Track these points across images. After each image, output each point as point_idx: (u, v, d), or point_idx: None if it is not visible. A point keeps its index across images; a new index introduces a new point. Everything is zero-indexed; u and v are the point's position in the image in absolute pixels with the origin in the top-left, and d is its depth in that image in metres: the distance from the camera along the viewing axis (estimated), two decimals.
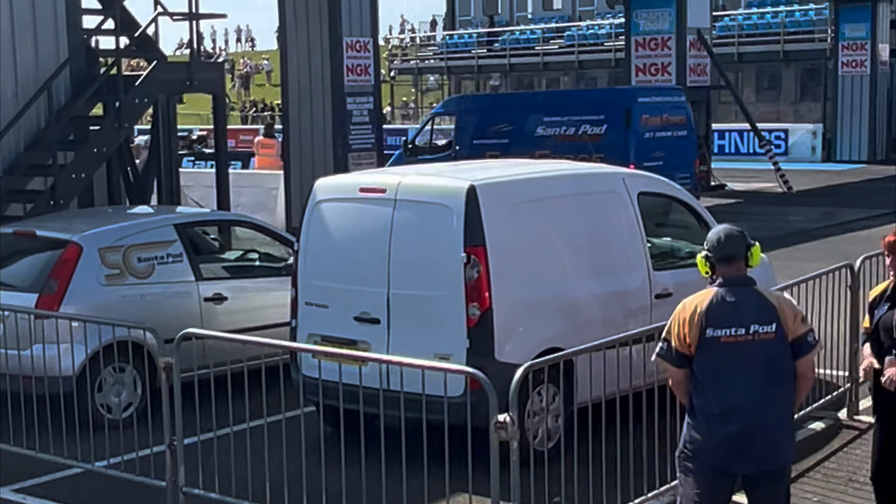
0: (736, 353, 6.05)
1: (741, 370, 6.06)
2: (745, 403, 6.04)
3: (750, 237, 6.32)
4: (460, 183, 8.82)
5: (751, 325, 6.05)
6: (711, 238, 6.27)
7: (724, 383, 6.07)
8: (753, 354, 6.04)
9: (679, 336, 6.16)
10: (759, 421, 6.05)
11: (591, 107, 23.22)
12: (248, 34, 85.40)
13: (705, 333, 6.07)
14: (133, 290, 10.46)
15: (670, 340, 6.21)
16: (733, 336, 6.05)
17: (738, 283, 6.16)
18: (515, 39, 49.63)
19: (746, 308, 6.08)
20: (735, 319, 6.06)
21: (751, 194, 29.53)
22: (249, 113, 60.77)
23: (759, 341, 6.05)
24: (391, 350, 8.74)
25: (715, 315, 6.07)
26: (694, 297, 6.23)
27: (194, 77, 15.04)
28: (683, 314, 6.16)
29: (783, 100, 44.06)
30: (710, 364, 6.10)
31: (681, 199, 10.67)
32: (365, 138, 21.57)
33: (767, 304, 6.11)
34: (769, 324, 6.06)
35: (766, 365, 6.06)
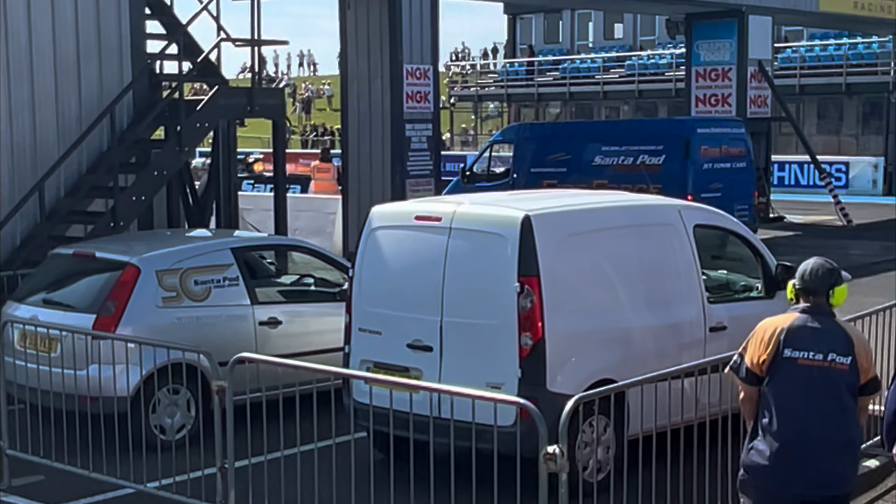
0: (811, 377, 6.20)
1: (812, 395, 6.20)
2: (810, 427, 6.18)
3: (841, 277, 6.47)
4: (515, 213, 8.83)
5: (829, 353, 6.21)
6: (803, 268, 6.48)
7: (793, 406, 6.22)
8: (826, 381, 6.20)
9: (753, 355, 6.34)
10: (823, 445, 6.17)
11: (650, 137, 23.13)
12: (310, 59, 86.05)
13: (783, 353, 6.25)
14: (189, 313, 10.55)
15: (744, 357, 6.40)
16: (810, 360, 6.21)
17: (821, 312, 6.33)
18: (576, 68, 49.63)
19: (827, 336, 6.24)
20: (814, 344, 6.22)
21: (810, 227, 29.27)
22: (310, 137, 61.16)
23: (834, 370, 6.20)
24: (443, 378, 8.75)
25: (795, 337, 6.25)
26: (776, 318, 6.43)
27: (255, 102, 15.20)
28: (762, 333, 6.34)
29: (844, 132, 43.66)
30: (784, 385, 6.25)
31: (737, 233, 10.61)
32: (423, 165, 21.68)
33: (847, 337, 6.27)
34: (846, 356, 6.21)
35: (836, 394, 6.20)
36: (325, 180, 26.34)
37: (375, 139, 21.64)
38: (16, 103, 14.19)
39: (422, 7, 21.40)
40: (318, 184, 26.58)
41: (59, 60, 14.47)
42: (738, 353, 6.48)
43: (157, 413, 10.12)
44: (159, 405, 10.13)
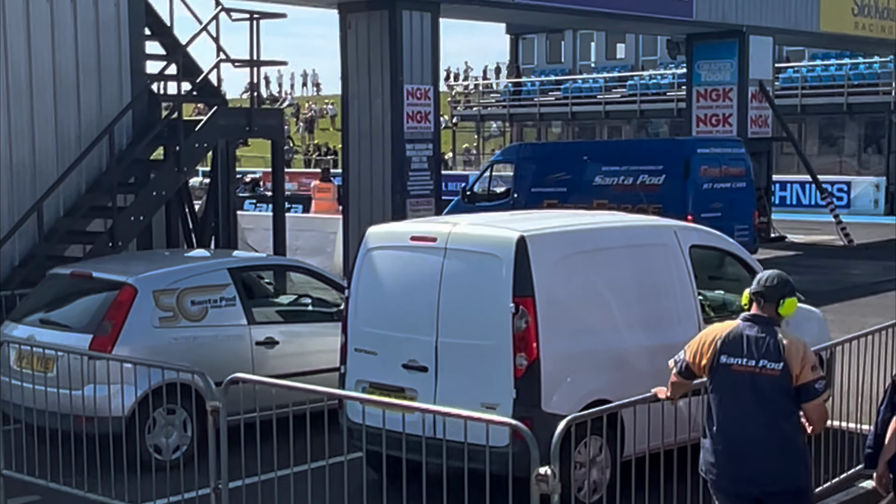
0: (743, 382, 6.64)
1: (745, 399, 6.64)
2: (745, 429, 6.63)
3: (794, 291, 6.83)
4: (510, 233, 8.84)
5: (760, 360, 6.62)
6: (759, 276, 6.94)
7: (729, 409, 6.69)
8: (757, 386, 6.60)
9: (695, 354, 6.90)
10: (756, 446, 6.61)
11: (650, 157, 23.15)
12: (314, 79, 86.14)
13: (720, 359, 6.74)
14: (186, 333, 10.56)
15: (686, 353, 7.00)
16: (743, 366, 6.65)
17: (762, 321, 6.71)
18: (578, 88, 49.74)
19: (760, 343, 6.64)
20: (748, 352, 6.66)
21: (811, 247, 29.27)
22: (313, 156, 61.26)
23: (764, 376, 6.59)
24: (438, 398, 8.76)
25: (731, 344, 6.72)
26: (719, 324, 6.97)
27: (254, 123, 15.24)
28: (705, 338, 6.89)
29: (846, 152, 43.71)
30: (721, 389, 6.74)
31: (734, 253, 10.63)
32: (423, 184, 21.71)
33: (779, 344, 6.62)
34: (777, 362, 6.58)
35: (767, 398, 6.59)
36: (325, 200, 26.40)
37: (376, 159, 21.68)
38: (15, 123, 14.23)
39: (422, 27, 21.47)
40: (318, 203, 26.64)
41: (59, 80, 14.52)
42: (683, 349, 7.04)
43: (153, 433, 10.12)
44: (155, 425, 10.13)
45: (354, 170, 22.00)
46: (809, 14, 30.95)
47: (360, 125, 21.79)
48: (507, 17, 31.81)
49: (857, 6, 32.58)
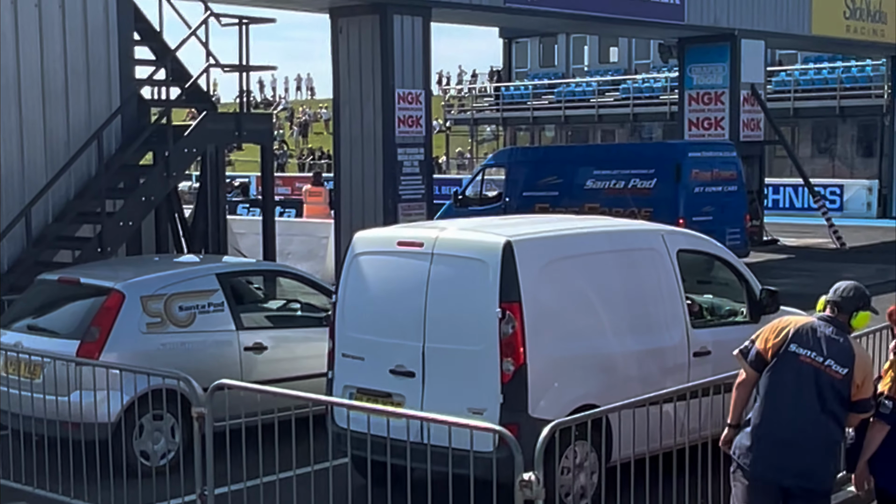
0: (807, 374, 6.77)
1: (804, 390, 6.76)
2: (796, 419, 6.75)
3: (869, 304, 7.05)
4: (497, 238, 8.83)
5: (828, 359, 6.77)
6: (838, 285, 7.08)
7: (786, 397, 6.79)
8: (818, 381, 6.75)
9: (765, 339, 6.95)
10: (802, 437, 6.73)
11: (642, 161, 23.16)
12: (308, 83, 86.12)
13: (789, 346, 6.85)
14: (174, 339, 10.54)
15: (756, 342, 7.02)
16: (810, 359, 6.78)
17: (837, 324, 6.90)
18: (571, 92, 49.77)
19: (832, 344, 6.80)
20: (818, 347, 6.80)
21: (803, 250, 29.27)
22: (307, 160, 61.26)
23: (828, 374, 6.76)
24: (426, 403, 8.75)
25: (803, 336, 6.85)
26: (794, 317, 7.20)
27: (243, 128, 15.23)
28: (778, 325, 7.01)
29: (839, 155, 43.75)
30: (781, 375, 6.85)
31: (721, 257, 10.62)
32: (415, 189, 21.71)
33: (851, 351, 6.80)
34: (844, 366, 6.76)
35: (825, 396, 6.74)
36: (316, 204, 26.36)
37: (367, 163, 21.67)
38: (4, 128, 14.21)
39: (413, 32, 21.47)
40: (310, 208, 26.60)
41: (48, 86, 14.50)
42: (751, 339, 7.07)
43: (140, 439, 10.10)
44: (143, 431, 10.11)
45: (346, 174, 22.00)
46: (801, 17, 30.98)
47: (351, 129, 21.78)
48: (499, 21, 31.80)
49: (848, 9, 32.61)
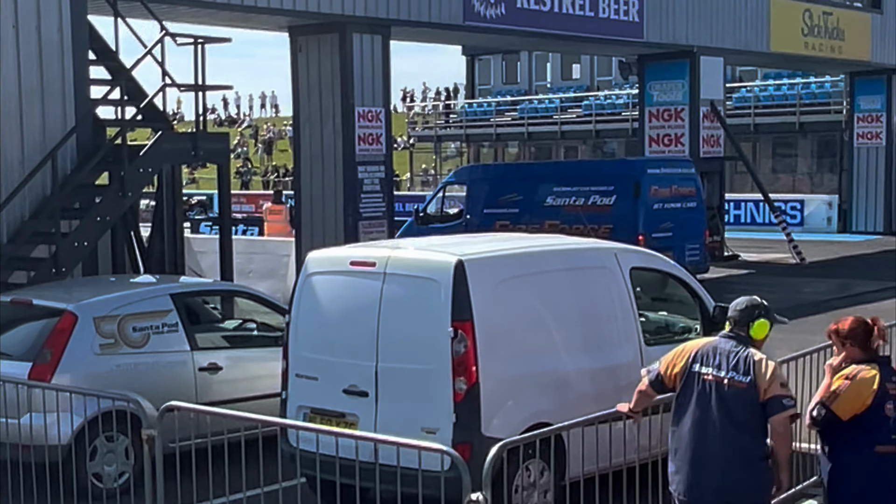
0: (711, 391, 6.97)
1: (711, 407, 6.95)
2: (707, 438, 6.94)
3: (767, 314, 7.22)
4: (448, 258, 8.84)
5: (730, 372, 6.96)
6: (734, 302, 7.31)
7: (695, 417, 7.00)
8: (724, 396, 6.93)
9: (669, 365, 7.23)
10: (722, 455, 6.91)
11: (601, 178, 23.27)
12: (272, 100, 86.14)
13: (691, 368, 7.08)
14: (127, 360, 10.50)
15: (660, 365, 7.32)
16: (712, 375, 6.99)
17: (737, 338, 7.11)
18: (534, 108, 49.93)
19: (732, 357, 7.01)
20: (719, 363, 7.01)
21: (764, 265, 29.43)
22: (271, 178, 61.14)
23: (732, 387, 6.91)
24: (379, 423, 8.75)
25: (704, 355, 7.09)
26: (698, 340, 7.48)
27: (199, 147, 15.17)
28: (682, 350, 7.27)
29: (799, 170, 44.07)
30: (688, 397, 7.06)
31: (675, 275, 10.67)
32: (376, 207, 21.73)
33: (750, 360, 6.97)
34: (745, 376, 6.91)
35: (734, 409, 6.91)
36: (277, 222, 26.31)
37: (328, 181, 21.68)
38: None
39: (373, 50, 21.51)
40: (270, 226, 26.54)
41: (1, 106, 14.39)
42: (659, 361, 7.37)
43: (94, 461, 10.03)
44: (96, 453, 10.04)
45: (306, 192, 21.99)
46: (759, 35, 31.22)
47: (311, 147, 21.79)
48: (459, 40, 31.88)
49: (806, 26, 32.90)
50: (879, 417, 7.09)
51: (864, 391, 7.08)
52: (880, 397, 7.08)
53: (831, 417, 7.14)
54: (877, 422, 7.09)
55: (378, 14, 21.46)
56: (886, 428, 7.12)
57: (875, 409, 7.08)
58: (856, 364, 7.22)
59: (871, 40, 35.79)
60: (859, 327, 7.30)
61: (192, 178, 59.71)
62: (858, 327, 7.30)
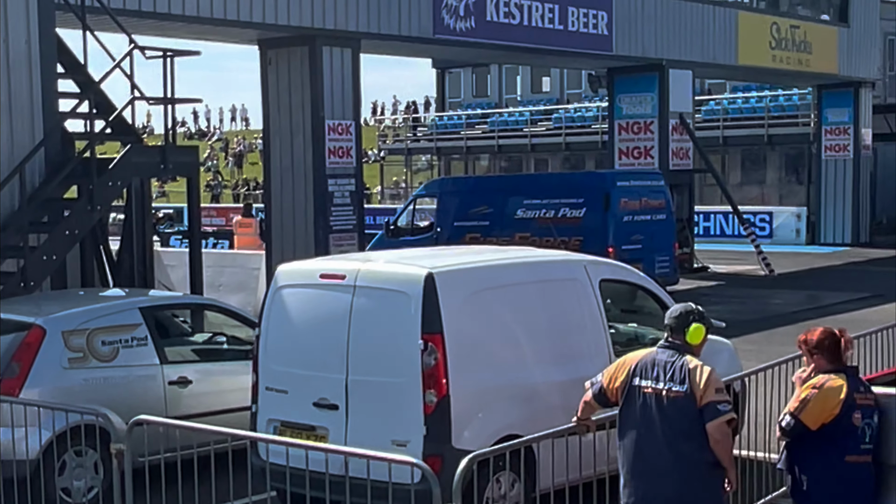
0: (651, 403, 7.05)
1: (652, 419, 7.03)
2: (649, 449, 7.02)
3: (702, 318, 7.27)
4: (418, 270, 8.86)
5: (668, 383, 7.02)
6: (670, 310, 7.41)
7: (637, 430, 7.09)
8: (663, 407, 7.00)
9: (611, 378, 7.31)
10: (668, 466, 6.96)
11: (571, 190, 23.34)
12: (242, 113, 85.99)
13: (632, 381, 7.15)
14: (96, 374, 10.45)
15: (603, 377, 7.40)
16: (651, 388, 7.06)
17: (674, 347, 7.16)
18: (504, 121, 50.04)
19: (668, 367, 7.06)
20: (657, 374, 7.08)
21: (733, 277, 29.57)
22: (242, 191, 61.01)
23: (670, 398, 6.99)
24: (349, 436, 8.75)
25: (643, 368, 7.15)
26: (637, 352, 7.44)
27: (168, 160, 15.14)
28: (622, 362, 7.34)
29: (768, 183, 44.32)
30: (630, 410, 7.14)
31: (644, 286, 10.72)
32: (346, 219, 21.75)
33: (686, 369, 7.02)
34: (681, 385, 6.98)
35: (674, 419, 6.98)
36: (247, 235, 26.25)
37: (298, 194, 21.69)
38: None
39: (343, 63, 21.55)
40: (240, 239, 26.47)
41: None
42: (602, 373, 7.46)
43: (63, 476, 9.97)
44: (66, 468, 9.98)
45: (277, 205, 21.99)
46: (728, 48, 31.43)
47: (282, 160, 21.80)
48: (429, 53, 31.97)
49: (774, 39, 33.14)
50: (848, 427, 7.15)
51: (832, 400, 7.15)
52: (848, 407, 7.14)
53: (800, 428, 7.20)
54: (845, 432, 7.16)
55: (348, 27, 21.52)
56: (855, 437, 7.18)
57: (843, 419, 7.14)
58: (824, 374, 7.29)
59: (838, 53, 36.12)
60: (827, 338, 7.38)
61: (163, 191, 59.54)
62: (826, 338, 7.38)
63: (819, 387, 7.20)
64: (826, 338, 7.38)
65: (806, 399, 7.20)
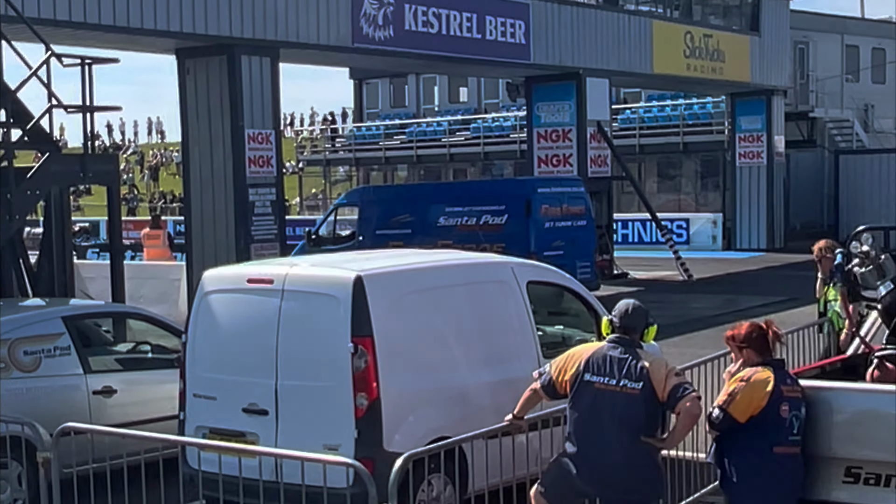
0: (604, 400, 7.22)
1: (605, 415, 7.21)
2: (601, 443, 7.21)
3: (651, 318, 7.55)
4: (347, 273, 8.83)
5: (622, 380, 7.22)
6: (620, 308, 7.53)
7: (588, 424, 7.26)
8: (617, 404, 7.19)
9: (560, 370, 7.47)
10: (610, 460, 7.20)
11: (492, 197, 23.46)
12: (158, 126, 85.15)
13: (583, 377, 7.29)
14: (18, 385, 10.29)
15: (551, 369, 7.57)
16: (604, 385, 7.24)
17: (626, 343, 7.38)
18: (423, 131, 50.08)
19: (623, 365, 7.25)
20: (611, 372, 7.24)
21: (653, 282, 29.89)
22: (159, 204, 60.41)
23: (625, 394, 7.18)
24: (280, 441, 8.68)
25: (596, 364, 7.31)
26: (587, 345, 7.66)
27: (88, 169, 14.96)
28: (571, 355, 7.51)
29: (684, 190, 44.83)
30: (582, 405, 7.31)
31: (570, 288, 10.78)
32: (267, 229, 21.67)
33: (641, 366, 7.24)
34: (637, 382, 7.18)
35: (625, 416, 7.19)
36: (155, 247, 25.82)
37: (219, 204, 21.55)
38: None
39: (262, 72, 21.46)
40: (149, 251, 25.98)
41: None
42: (549, 364, 7.66)
43: None
44: None
45: (197, 216, 21.82)
46: (643, 57, 31.80)
47: (201, 170, 21.65)
48: (348, 62, 31.92)
49: (688, 48, 33.59)
50: (776, 419, 7.27)
51: (759, 392, 7.26)
52: (776, 399, 7.25)
53: (729, 420, 7.30)
54: (773, 423, 7.27)
55: (266, 36, 21.46)
56: (783, 429, 7.29)
57: (771, 411, 7.25)
58: (751, 367, 7.40)
59: (750, 62, 36.71)
60: (754, 331, 7.53)
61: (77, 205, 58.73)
62: (753, 331, 7.53)
63: (746, 379, 7.32)
64: (753, 330, 7.54)
65: (734, 392, 7.32)
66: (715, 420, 7.36)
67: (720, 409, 7.34)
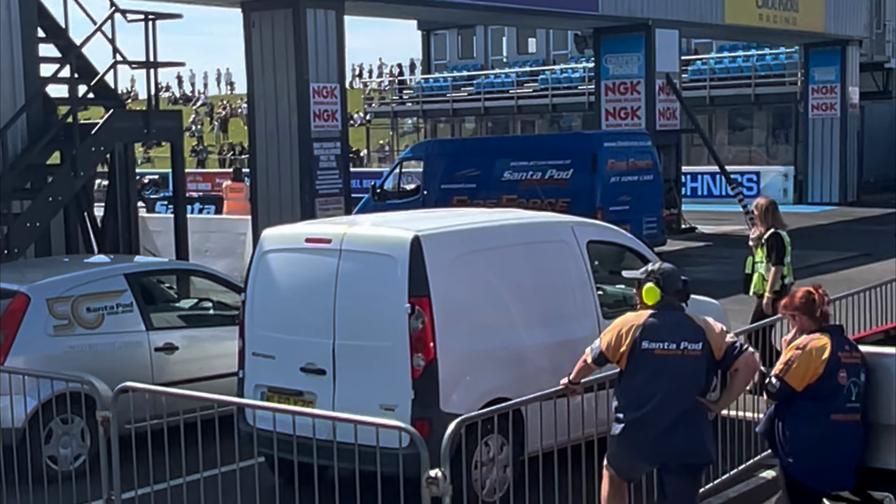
0: (667, 365, 7.15)
1: (669, 380, 7.14)
2: (666, 408, 7.12)
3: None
4: (405, 233, 8.79)
5: (682, 342, 7.16)
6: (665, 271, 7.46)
7: (652, 390, 7.15)
8: (681, 367, 7.15)
9: (611, 343, 7.34)
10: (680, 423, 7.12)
11: (558, 152, 23.26)
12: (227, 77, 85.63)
13: (640, 345, 7.18)
14: (82, 341, 10.38)
15: (601, 342, 7.44)
16: (665, 350, 7.16)
17: (671, 307, 7.33)
18: (490, 83, 49.83)
19: (678, 328, 7.21)
20: (669, 336, 7.18)
21: (721, 237, 29.55)
22: (227, 156, 60.75)
23: (687, 356, 7.15)
24: (337, 401, 8.70)
25: (651, 331, 7.22)
26: (633, 314, 7.46)
27: (151, 125, 15.02)
28: (621, 325, 7.35)
29: (755, 142, 44.24)
30: (642, 372, 7.21)
31: (631, 248, 10.65)
32: (332, 183, 21.64)
33: (696, 326, 7.24)
34: (696, 343, 7.17)
35: (689, 377, 7.16)
36: (237, 200, 26.11)
37: (284, 158, 21.56)
38: None
39: (327, 25, 21.37)
40: (230, 204, 26.35)
41: None
42: (599, 338, 7.53)
43: (50, 444, 9.91)
44: (52, 436, 9.92)
45: (262, 170, 21.86)
46: (714, 7, 31.29)
47: (266, 125, 21.65)
48: (414, 14, 31.78)
49: None
50: (833, 386, 7.15)
51: (815, 360, 7.15)
52: (832, 366, 7.14)
53: (786, 389, 7.20)
54: (831, 390, 7.16)
55: None
56: (841, 396, 7.18)
57: (828, 378, 7.14)
58: (807, 335, 7.28)
59: (824, 11, 35.96)
60: (805, 298, 7.47)
61: (148, 157, 59.27)
62: (804, 298, 7.47)
63: (802, 347, 7.22)
64: (804, 297, 7.47)
65: (790, 360, 7.21)
66: (772, 390, 7.28)
67: (777, 377, 7.26)
